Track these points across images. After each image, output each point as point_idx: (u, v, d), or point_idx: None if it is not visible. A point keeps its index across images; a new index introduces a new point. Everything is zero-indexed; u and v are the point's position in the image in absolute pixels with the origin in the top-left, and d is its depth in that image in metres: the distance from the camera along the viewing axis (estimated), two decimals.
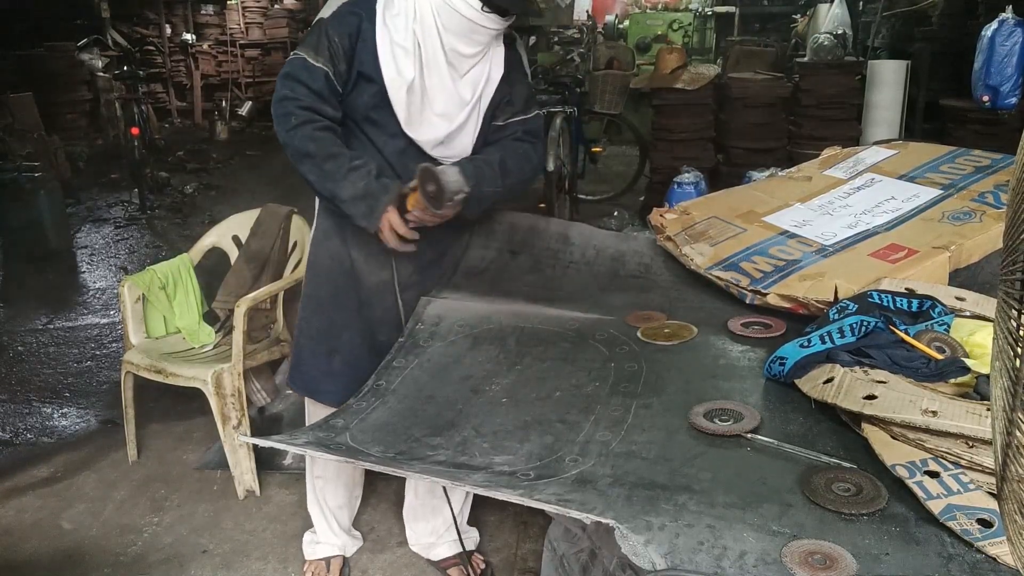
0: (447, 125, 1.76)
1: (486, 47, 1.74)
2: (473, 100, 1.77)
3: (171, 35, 11.41)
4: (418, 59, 1.69)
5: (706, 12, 11.18)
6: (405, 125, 1.74)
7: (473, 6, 1.64)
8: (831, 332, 1.36)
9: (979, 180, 1.87)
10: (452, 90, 1.73)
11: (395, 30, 1.68)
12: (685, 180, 4.60)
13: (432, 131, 1.76)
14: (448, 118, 1.76)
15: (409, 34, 1.68)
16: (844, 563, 0.95)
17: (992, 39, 4.28)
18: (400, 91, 1.70)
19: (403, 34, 1.68)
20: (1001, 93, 4.32)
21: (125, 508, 2.60)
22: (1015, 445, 0.65)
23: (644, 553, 0.98)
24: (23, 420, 3.23)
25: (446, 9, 1.65)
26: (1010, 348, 0.65)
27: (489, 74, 1.78)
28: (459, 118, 1.76)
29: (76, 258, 5.45)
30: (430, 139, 1.77)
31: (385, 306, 1.88)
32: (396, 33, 1.68)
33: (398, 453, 1.29)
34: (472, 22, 1.66)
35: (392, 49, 1.68)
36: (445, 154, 1.79)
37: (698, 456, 1.21)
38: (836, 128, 4.91)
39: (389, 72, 1.69)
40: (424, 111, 1.74)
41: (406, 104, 1.72)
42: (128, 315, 2.77)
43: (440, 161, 1.77)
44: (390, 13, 1.69)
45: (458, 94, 1.74)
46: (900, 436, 1.13)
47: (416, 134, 1.76)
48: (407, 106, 1.72)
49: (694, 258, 1.87)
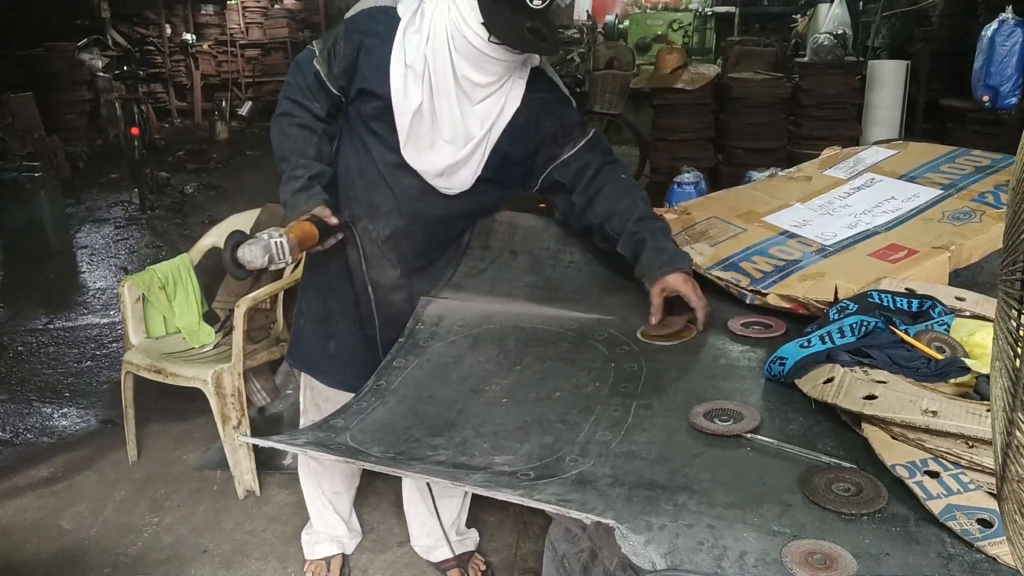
0: (451, 155, 1.68)
1: (501, 78, 1.64)
2: (482, 133, 1.67)
3: (171, 35, 11.41)
4: (427, 82, 1.62)
5: (706, 12, 11.17)
6: (403, 149, 1.69)
7: (481, 36, 1.55)
8: (831, 332, 1.36)
9: (979, 180, 1.87)
10: (459, 119, 1.65)
11: (410, 49, 1.62)
12: (685, 180, 4.60)
13: (434, 160, 1.69)
14: (454, 146, 1.68)
15: (420, 56, 1.61)
16: (844, 563, 0.95)
17: (992, 39, 4.28)
18: (406, 115, 1.65)
19: (415, 54, 1.61)
20: (1001, 93, 4.32)
21: (125, 508, 2.60)
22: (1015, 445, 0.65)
23: (644, 553, 0.98)
24: (23, 420, 3.23)
25: (459, 35, 1.57)
26: (1010, 348, 0.65)
27: (503, 108, 1.68)
28: (464, 150, 1.68)
29: (76, 258, 5.46)
30: (429, 169, 1.71)
31: (375, 304, 1.84)
32: (410, 52, 1.62)
33: (398, 453, 1.29)
34: (482, 52, 1.57)
35: (404, 70, 1.63)
36: (444, 185, 1.74)
37: (698, 456, 1.21)
38: (836, 128, 4.91)
39: (397, 94, 1.64)
40: (430, 137, 1.68)
41: (409, 129, 1.66)
42: (128, 315, 2.77)
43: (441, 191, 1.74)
44: (411, 29, 1.63)
45: (465, 125, 1.66)
46: (900, 436, 1.13)
47: (417, 162, 1.70)
48: (409, 130, 1.67)
49: (694, 258, 1.87)
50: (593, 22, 11.13)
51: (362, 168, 1.78)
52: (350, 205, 1.80)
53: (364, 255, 1.81)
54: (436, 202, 1.77)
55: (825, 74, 4.99)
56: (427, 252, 1.85)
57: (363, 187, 1.78)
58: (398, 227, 1.79)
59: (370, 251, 1.81)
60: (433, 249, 1.86)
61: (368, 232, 1.80)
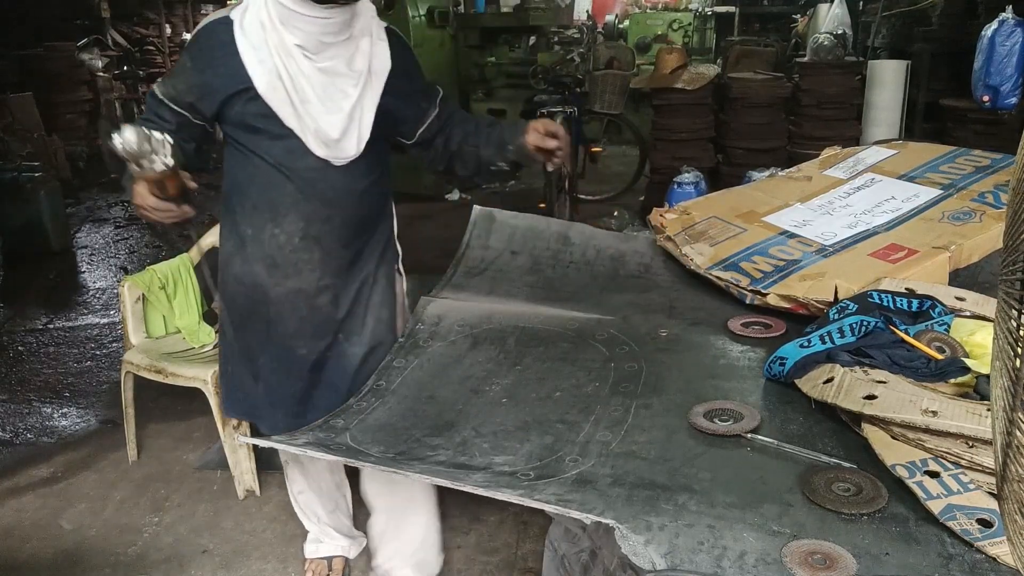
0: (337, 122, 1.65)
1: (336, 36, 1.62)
2: (357, 92, 1.66)
3: (171, 35, 11.39)
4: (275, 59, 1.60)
5: (706, 12, 11.19)
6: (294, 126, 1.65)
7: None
8: (831, 332, 1.36)
9: (979, 180, 1.87)
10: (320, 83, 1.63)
11: (250, 34, 1.62)
12: (685, 180, 4.60)
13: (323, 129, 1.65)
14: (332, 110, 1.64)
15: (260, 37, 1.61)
16: (844, 563, 0.95)
17: (992, 39, 4.28)
18: (277, 93, 1.62)
19: (255, 37, 1.61)
20: (1001, 93, 4.32)
21: (125, 508, 2.60)
22: (1015, 445, 0.65)
23: (644, 553, 0.98)
24: (23, 420, 3.23)
25: (275, 4, 1.58)
26: (1010, 348, 0.65)
27: (371, 66, 1.68)
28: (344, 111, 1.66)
29: (76, 258, 5.45)
30: (322, 139, 1.66)
31: (299, 316, 1.76)
32: (251, 37, 1.61)
33: (398, 453, 1.29)
34: (297, 12, 1.56)
35: (254, 55, 1.61)
36: (337, 155, 1.69)
37: (698, 456, 1.21)
38: (836, 128, 4.92)
39: (259, 80, 1.61)
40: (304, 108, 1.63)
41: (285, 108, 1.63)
42: (128, 315, 2.77)
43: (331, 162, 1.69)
44: (245, 20, 1.63)
45: (335, 87, 1.65)
46: (900, 436, 1.13)
47: (309, 138, 1.66)
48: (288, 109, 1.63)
49: (694, 258, 1.87)
50: (593, 22, 11.14)
51: (252, 174, 1.72)
52: (249, 218, 1.74)
53: (276, 265, 1.73)
54: (337, 178, 1.71)
55: (825, 74, 5.00)
56: (349, 240, 1.77)
57: (258, 191, 1.72)
58: (310, 217, 1.71)
59: (282, 259, 1.73)
60: (356, 235, 1.78)
61: (276, 238, 1.72)
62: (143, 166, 1.46)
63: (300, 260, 1.73)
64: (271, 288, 1.75)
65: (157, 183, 1.49)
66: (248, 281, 1.77)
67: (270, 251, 1.73)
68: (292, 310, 1.75)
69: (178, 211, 1.56)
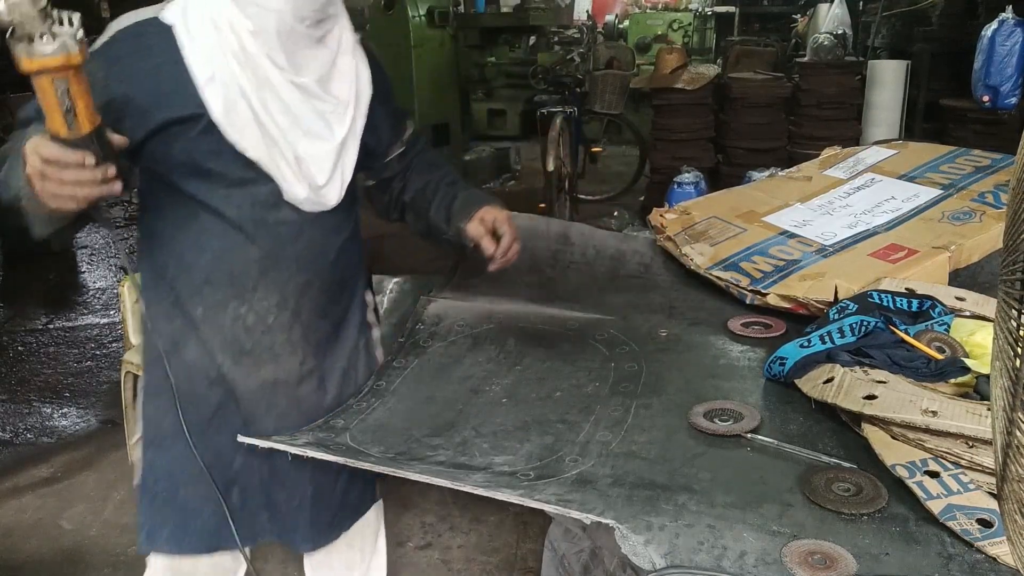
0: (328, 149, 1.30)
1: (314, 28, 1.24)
2: (345, 129, 1.32)
3: None
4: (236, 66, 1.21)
5: (706, 12, 11.20)
6: (260, 156, 1.25)
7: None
8: (831, 332, 1.36)
9: (979, 180, 1.87)
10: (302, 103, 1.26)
11: (199, 38, 1.21)
12: (685, 180, 4.61)
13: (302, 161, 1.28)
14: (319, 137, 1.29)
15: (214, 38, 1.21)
16: (844, 563, 0.95)
17: (992, 39, 4.29)
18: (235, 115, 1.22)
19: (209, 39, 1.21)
20: (1001, 93, 4.33)
21: (125, 508, 2.60)
22: (1015, 445, 0.65)
23: (644, 553, 0.98)
24: (23, 420, 3.23)
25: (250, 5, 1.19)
26: (1010, 348, 0.65)
27: (358, 89, 1.35)
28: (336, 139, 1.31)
29: (76, 258, 5.45)
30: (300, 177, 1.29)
31: (276, 413, 1.39)
32: (202, 41, 1.21)
33: (398, 453, 1.29)
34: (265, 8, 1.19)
35: (209, 67, 1.21)
36: (317, 201, 1.33)
37: (698, 456, 1.21)
38: (836, 128, 4.92)
39: (214, 101, 1.21)
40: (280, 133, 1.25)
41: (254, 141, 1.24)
42: (128, 315, 2.77)
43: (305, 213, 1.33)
44: (191, 20, 1.22)
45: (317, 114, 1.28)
46: (900, 436, 1.13)
47: (279, 171, 1.27)
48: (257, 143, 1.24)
49: (694, 258, 1.87)
50: (593, 22, 11.13)
51: (198, 239, 1.31)
52: (200, 296, 1.32)
53: (245, 352, 1.34)
54: (315, 234, 1.36)
55: (825, 74, 5.00)
56: (328, 310, 1.43)
57: (211, 261, 1.31)
58: (284, 288, 1.34)
59: (253, 344, 1.34)
60: (333, 301, 1.44)
61: (242, 319, 1.33)
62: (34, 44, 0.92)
63: (276, 343, 1.36)
64: (240, 381, 1.36)
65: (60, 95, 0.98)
66: (210, 374, 1.35)
67: (235, 335, 1.33)
68: (268, 407, 1.38)
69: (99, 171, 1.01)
